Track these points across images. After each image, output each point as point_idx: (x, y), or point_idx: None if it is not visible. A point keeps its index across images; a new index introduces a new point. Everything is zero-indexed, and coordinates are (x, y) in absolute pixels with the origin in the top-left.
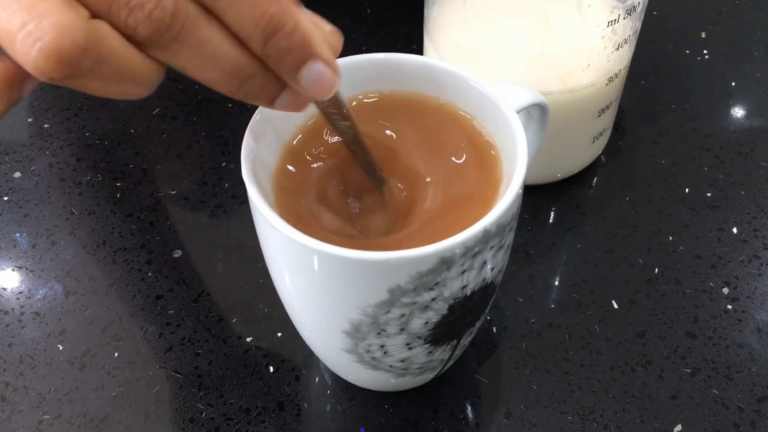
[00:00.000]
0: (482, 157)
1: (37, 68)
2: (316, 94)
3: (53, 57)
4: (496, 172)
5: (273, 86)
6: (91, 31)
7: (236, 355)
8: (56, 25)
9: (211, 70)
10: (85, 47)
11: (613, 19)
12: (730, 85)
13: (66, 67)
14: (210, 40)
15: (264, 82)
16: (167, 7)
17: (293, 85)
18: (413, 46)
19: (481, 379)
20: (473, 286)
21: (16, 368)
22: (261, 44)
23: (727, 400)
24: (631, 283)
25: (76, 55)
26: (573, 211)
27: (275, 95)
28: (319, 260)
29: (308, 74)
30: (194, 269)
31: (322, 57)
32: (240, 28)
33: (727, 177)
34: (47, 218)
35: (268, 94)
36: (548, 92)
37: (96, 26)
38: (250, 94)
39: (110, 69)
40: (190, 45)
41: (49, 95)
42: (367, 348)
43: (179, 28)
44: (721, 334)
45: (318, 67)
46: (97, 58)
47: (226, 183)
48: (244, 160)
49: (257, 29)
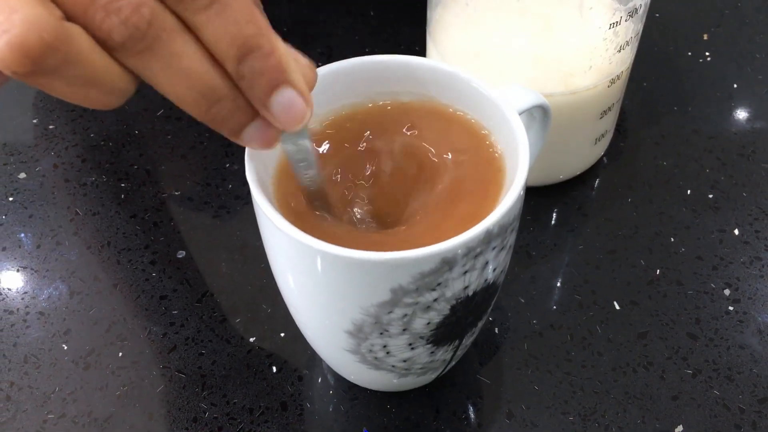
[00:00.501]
0: (484, 158)
1: (2, 59)
2: (285, 124)
3: (18, 50)
4: (498, 173)
5: (242, 114)
6: (61, 29)
7: (239, 355)
8: (25, 20)
9: (181, 86)
10: (53, 44)
11: (615, 21)
12: (732, 86)
13: (30, 62)
14: (183, 54)
15: (234, 107)
16: (144, 14)
17: (262, 110)
18: (416, 47)
19: (483, 379)
20: (475, 286)
21: (20, 368)
22: (235, 63)
23: (728, 401)
24: (632, 284)
25: (41, 50)
26: (575, 213)
27: (243, 124)
28: (322, 260)
29: (279, 101)
30: (198, 270)
31: (295, 85)
32: (216, 45)
33: (729, 178)
34: (52, 219)
35: (236, 122)
36: (550, 94)
37: (67, 27)
38: (217, 117)
39: (76, 71)
40: (162, 56)
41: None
42: (370, 348)
43: (154, 38)
44: (723, 335)
45: (290, 95)
46: (64, 58)
47: (230, 184)
48: (247, 162)
49: (233, 47)
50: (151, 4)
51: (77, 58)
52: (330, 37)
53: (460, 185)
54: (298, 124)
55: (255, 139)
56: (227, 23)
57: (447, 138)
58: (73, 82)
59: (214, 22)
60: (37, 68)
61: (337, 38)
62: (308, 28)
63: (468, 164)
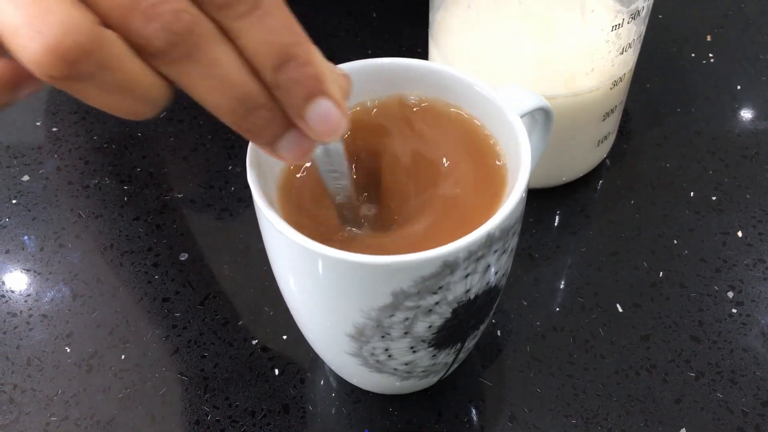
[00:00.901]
0: (486, 161)
1: (37, 63)
2: (321, 134)
3: (55, 53)
4: (499, 176)
5: (278, 124)
6: (97, 33)
7: (242, 357)
8: (62, 23)
9: (218, 94)
10: (89, 49)
11: (618, 24)
12: (736, 88)
13: (66, 66)
14: (222, 62)
15: (270, 116)
16: (184, 20)
17: (298, 121)
18: (418, 49)
19: (485, 382)
20: (477, 289)
21: (24, 370)
22: (272, 71)
23: (731, 404)
24: (635, 286)
25: (78, 54)
26: (577, 215)
27: (279, 134)
28: (324, 264)
29: (316, 111)
30: (200, 272)
31: (331, 96)
32: (254, 53)
33: (732, 180)
34: (55, 221)
35: (271, 132)
36: (552, 96)
37: (102, 31)
38: (254, 126)
39: (111, 77)
40: (201, 63)
41: (58, 99)
42: (372, 351)
43: (193, 44)
44: (726, 338)
45: (327, 105)
46: (99, 63)
47: (233, 186)
48: (249, 165)
49: (270, 55)
50: (192, 10)
51: (112, 64)
52: (332, 39)
53: (461, 188)
54: (334, 134)
55: (290, 151)
56: (266, 31)
57: (449, 141)
58: (108, 88)
59: (253, 30)
60: (72, 73)
61: (339, 40)
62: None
63: (470, 167)
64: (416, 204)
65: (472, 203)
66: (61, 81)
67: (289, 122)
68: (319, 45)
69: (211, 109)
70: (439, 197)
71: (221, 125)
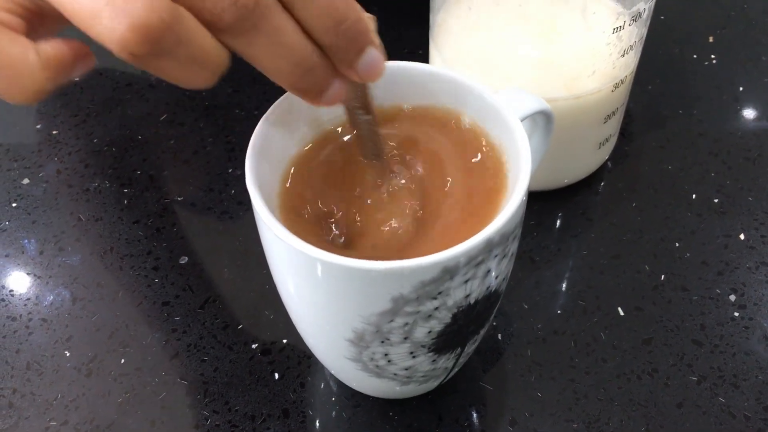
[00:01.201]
0: (486, 164)
1: (123, 42)
2: (370, 78)
3: (141, 31)
4: (499, 180)
5: (327, 77)
6: (176, 11)
7: (242, 361)
8: (145, 2)
9: (281, 59)
10: (170, 25)
11: (619, 26)
12: (738, 89)
13: (150, 44)
14: (284, 29)
15: (323, 73)
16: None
17: (348, 72)
18: (420, 51)
19: (486, 386)
20: (477, 294)
21: (23, 374)
22: (331, 33)
23: (733, 408)
24: (637, 289)
25: (162, 31)
26: (579, 217)
27: (326, 87)
28: (322, 269)
29: (366, 60)
30: (200, 276)
31: (376, 43)
32: (312, 18)
33: (735, 183)
34: (55, 224)
35: (321, 85)
36: (554, 99)
37: (179, 8)
38: (310, 84)
39: (187, 51)
40: (267, 33)
41: (58, 102)
42: (371, 356)
43: (259, 16)
44: (728, 341)
45: (373, 53)
46: (178, 38)
47: (233, 189)
48: (248, 169)
49: (327, 19)
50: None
51: (188, 38)
52: None
53: (461, 192)
54: (379, 76)
55: (332, 97)
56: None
57: (449, 144)
58: (183, 62)
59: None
60: (154, 49)
61: None
62: None
63: (469, 171)
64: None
65: (472, 207)
66: (141, 58)
67: (336, 72)
68: None
69: (270, 74)
70: (437, 201)
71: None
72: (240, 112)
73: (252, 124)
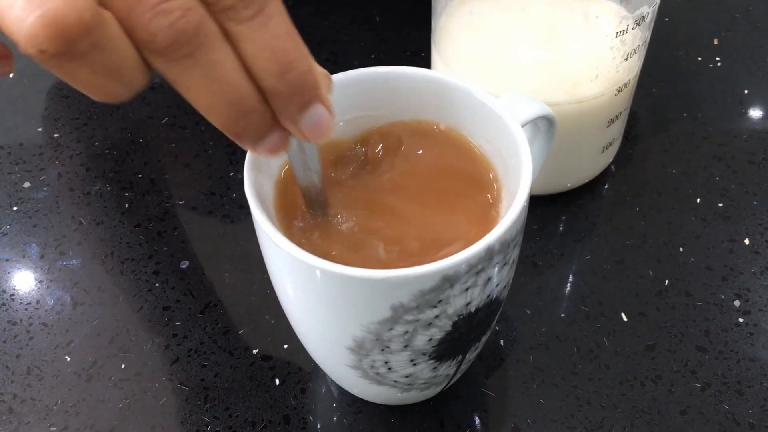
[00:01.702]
0: (487, 171)
1: (32, 36)
2: (312, 137)
3: (54, 26)
4: (500, 187)
5: (266, 125)
6: (98, 13)
7: (242, 367)
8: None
9: (215, 96)
10: (89, 26)
11: (622, 30)
12: (743, 92)
13: (63, 42)
14: (223, 64)
15: (261, 119)
16: (193, 20)
17: (290, 126)
18: (422, 53)
19: (488, 392)
20: (477, 302)
21: (23, 380)
22: (274, 78)
23: (738, 415)
24: (640, 295)
25: (77, 30)
26: (582, 222)
27: (264, 136)
28: (322, 278)
29: (311, 116)
30: (201, 280)
31: (325, 101)
32: (256, 58)
33: (740, 187)
34: (56, 228)
35: (258, 133)
36: (556, 103)
37: (103, 11)
38: (245, 129)
39: (103, 59)
40: (203, 65)
41: (59, 105)
42: (371, 364)
43: (198, 44)
44: (733, 347)
45: (320, 111)
46: (95, 43)
47: (234, 193)
48: (246, 176)
49: (273, 62)
50: (200, 9)
51: (107, 45)
52: (336, 44)
53: (462, 199)
54: (324, 137)
55: (270, 148)
56: (269, 37)
57: (449, 150)
58: (98, 70)
59: (256, 34)
60: (68, 49)
61: (343, 45)
62: (314, 34)
63: (470, 177)
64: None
65: (473, 215)
66: (52, 58)
67: (275, 123)
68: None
69: (201, 109)
70: (438, 209)
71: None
72: None
73: None
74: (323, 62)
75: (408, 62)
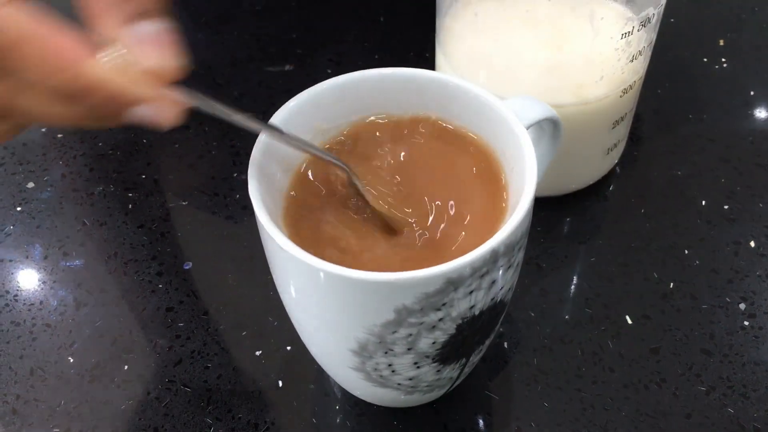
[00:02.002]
0: (491, 173)
1: None
2: (161, 125)
3: None
4: (505, 189)
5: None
6: None
7: (245, 369)
8: None
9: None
10: None
11: (627, 31)
12: (749, 94)
13: None
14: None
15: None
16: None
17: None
18: (426, 54)
19: (492, 395)
20: (481, 305)
21: (27, 380)
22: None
23: (743, 419)
24: (645, 297)
25: None
26: (587, 224)
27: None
28: (326, 280)
29: (136, 116)
30: (205, 281)
31: (140, 99)
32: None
33: (746, 189)
34: (59, 229)
35: (116, 114)
36: (561, 104)
37: None
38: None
39: None
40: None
41: None
42: (375, 366)
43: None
44: (738, 351)
45: (142, 111)
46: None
47: (237, 194)
48: (250, 179)
49: (63, 97)
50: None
51: None
52: (340, 44)
53: (466, 201)
54: (171, 122)
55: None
56: (44, 73)
57: (453, 152)
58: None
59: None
60: None
61: (347, 45)
62: (318, 34)
63: (474, 180)
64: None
65: (477, 218)
66: None
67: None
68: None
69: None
70: (442, 211)
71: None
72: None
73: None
74: (327, 62)
75: (412, 63)
